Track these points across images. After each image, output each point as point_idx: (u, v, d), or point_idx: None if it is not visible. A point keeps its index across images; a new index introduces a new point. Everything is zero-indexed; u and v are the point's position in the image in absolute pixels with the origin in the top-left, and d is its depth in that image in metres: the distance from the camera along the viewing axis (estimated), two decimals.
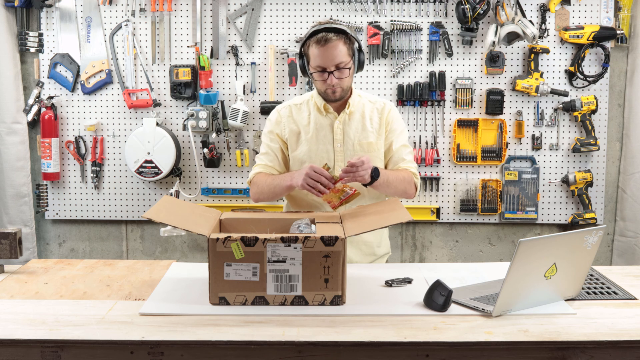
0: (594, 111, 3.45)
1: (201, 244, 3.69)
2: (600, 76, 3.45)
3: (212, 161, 3.48)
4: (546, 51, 3.41)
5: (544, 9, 3.41)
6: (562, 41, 3.45)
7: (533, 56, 3.41)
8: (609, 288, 2.01)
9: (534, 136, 3.50)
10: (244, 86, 3.45)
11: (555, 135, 3.51)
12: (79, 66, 3.49)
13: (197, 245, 3.69)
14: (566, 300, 1.89)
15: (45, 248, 3.70)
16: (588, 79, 3.43)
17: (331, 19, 3.43)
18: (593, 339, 1.65)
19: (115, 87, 3.52)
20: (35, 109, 3.50)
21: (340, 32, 2.25)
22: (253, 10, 3.45)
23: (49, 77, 3.51)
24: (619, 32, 3.41)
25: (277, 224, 2.10)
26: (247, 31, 3.47)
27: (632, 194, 3.51)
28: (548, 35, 3.44)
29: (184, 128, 3.46)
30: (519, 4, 3.37)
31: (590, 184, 3.50)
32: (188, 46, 3.48)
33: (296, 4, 3.46)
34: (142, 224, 3.66)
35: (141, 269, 2.21)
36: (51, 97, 3.48)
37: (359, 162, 2.13)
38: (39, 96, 3.50)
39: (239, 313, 1.79)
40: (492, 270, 2.17)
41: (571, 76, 3.47)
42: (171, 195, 3.32)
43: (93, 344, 1.64)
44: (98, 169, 3.56)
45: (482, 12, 3.28)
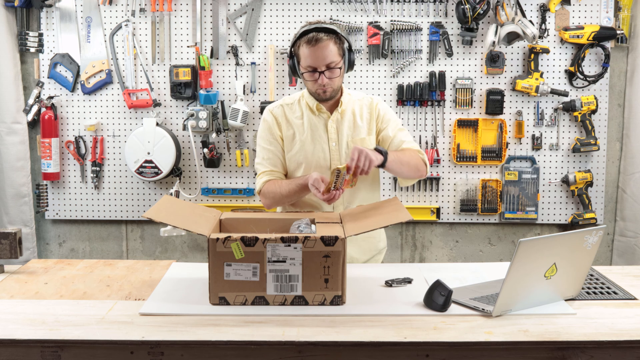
0: (594, 111, 3.45)
1: (201, 244, 3.69)
2: (600, 76, 3.44)
3: (212, 161, 3.48)
4: (546, 51, 3.41)
5: (544, 9, 3.41)
6: (562, 41, 3.44)
7: (533, 56, 3.41)
8: (609, 288, 2.01)
9: (534, 136, 3.50)
10: (244, 86, 3.45)
11: (555, 135, 3.51)
12: (79, 66, 3.49)
13: (197, 245, 3.69)
14: (566, 300, 1.89)
15: (45, 248, 3.70)
16: (588, 79, 3.43)
17: (331, 18, 3.43)
18: (593, 339, 1.65)
19: (115, 87, 3.52)
20: (35, 109, 3.50)
21: (331, 32, 2.25)
22: (253, 10, 3.45)
23: (49, 77, 3.51)
24: (619, 32, 3.41)
25: (277, 224, 2.10)
26: (247, 31, 3.47)
27: (632, 194, 3.51)
28: (548, 35, 3.44)
29: (184, 128, 3.46)
30: (519, 4, 3.37)
31: (590, 184, 3.50)
32: (188, 46, 3.48)
33: (296, 4, 3.46)
34: (142, 224, 3.66)
35: (141, 269, 2.21)
36: (51, 97, 3.48)
37: (354, 156, 2.07)
38: (39, 96, 3.50)
39: (239, 313, 1.79)
40: (492, 270, 2.17)
41: (571, 76, 3.47)
42: (171, 195, 3.32)
43: (93, 344, 1.64)
44: (98, 169, 3.56)
45: (482, 12, 3.28)
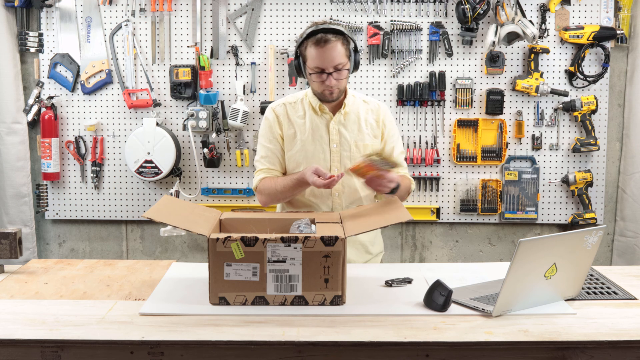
0: (594, 111, 3.45)
1: (201, 244, 3.69)
2: (600, 76, 3.44)
3: (212, 161, 3.48)
4: (546, 51, 3.41)
5: (544, 9, 3.41)
6: (562, 41, 3.44)
7: (533, 56, 3.41)
8: (609, 288, 2.01)
9: (534, 136, 3.50)
10: (244, 86, 3.45)
11: (555, 135, 3.51)
12: (79, 66, 3.49)
13: (197, 245, 3.69)
14: (566, 300, 1.89)
15: (45, 248, 3.70)
16: (588, 79, 3.43)
17: (331, 18, 3.43)
18: (593, 339, 1.65)
19: (115, 87, 3.52)
20: (35, 109, 3.50)
21: (338, 33, 2.24)
22: (253, 10, 3.45)
23: (49, 77, 3.51)
24: (619, 32, 3.41)
25: (277, 224, 2.10)
26: (247, 31, 3.47)
27: (632, 194, 3.51)
28: (548, 35, 3.44)
29: (184, 128, 3.46)
30: (519, 4, 3.37)
31: (590, 184, 3.50)
32: (188, 46, 3.48)
33: (296, 4, 3.46)
34: (142, 224, 3.66)
35: (141, 269, 2.21)
36: (51, 97, 3.48)
37: (388, 178, 2.15)
38: (39, 96, 3.50)
39: (239, 313, 1.79)
40: (492, 270, 2.17)
41: (571, 76, 3.47)
42: (171, 195, 3.32)
43: (93, 344, 1.64)
44: (98, 169, 3.56)
45: (482, 12, 3.28)
